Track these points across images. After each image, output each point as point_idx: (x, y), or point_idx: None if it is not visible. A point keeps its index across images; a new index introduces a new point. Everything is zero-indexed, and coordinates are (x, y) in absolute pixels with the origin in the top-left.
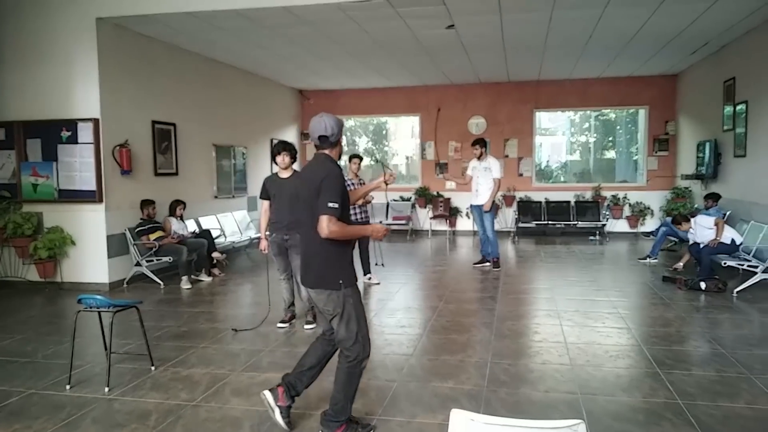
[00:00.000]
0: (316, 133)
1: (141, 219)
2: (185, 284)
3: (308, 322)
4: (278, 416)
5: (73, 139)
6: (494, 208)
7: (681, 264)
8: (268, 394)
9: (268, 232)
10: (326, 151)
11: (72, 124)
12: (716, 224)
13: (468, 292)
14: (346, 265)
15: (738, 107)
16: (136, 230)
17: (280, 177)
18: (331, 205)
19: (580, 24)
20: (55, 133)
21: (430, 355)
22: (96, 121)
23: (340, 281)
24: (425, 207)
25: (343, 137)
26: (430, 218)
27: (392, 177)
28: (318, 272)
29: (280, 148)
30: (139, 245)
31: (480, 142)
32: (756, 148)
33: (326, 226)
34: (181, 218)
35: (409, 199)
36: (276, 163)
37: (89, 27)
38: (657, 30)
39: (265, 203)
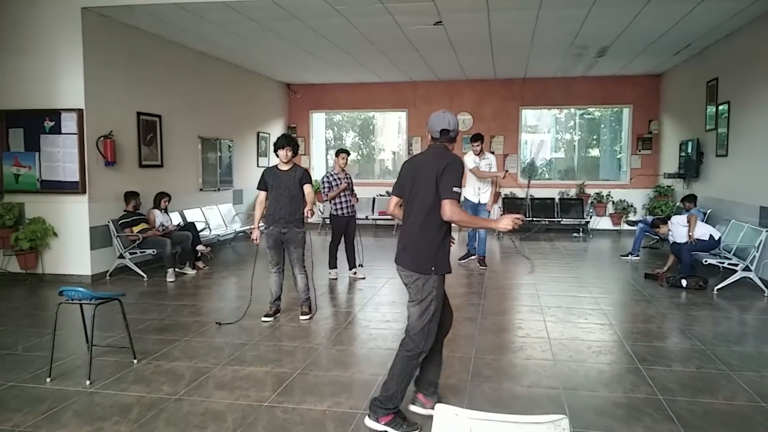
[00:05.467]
0: (439, 127)
1: (125, 211)
2: (170, 277)
3: (303, 313)
4: None
5: (57, 130)
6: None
7: (665, 268)
8: (416, 408)
9: (262, 224)
10: (448, 144)
11: (55, 114)
12: (689, 221)
13: (453, 287)
14: (441, 254)
15: (720, 107)
16: (120, 222)
17: (280, 169)
18: (455, 189)
19: (566, 23)
20: (38, 123)
21: None
22: (80, 112)
23: (432, 267)
24: None
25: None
26: None
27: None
28: (414, 255)
29: (284, 142)
30: (122, 237)
31: (480, 137)
32: (737, 148)
33: (449, 209)
34: (166, 211)
35: None
36: (278, 156)
37: (74, 16)
38: (641, 30)
39: (262, 194)
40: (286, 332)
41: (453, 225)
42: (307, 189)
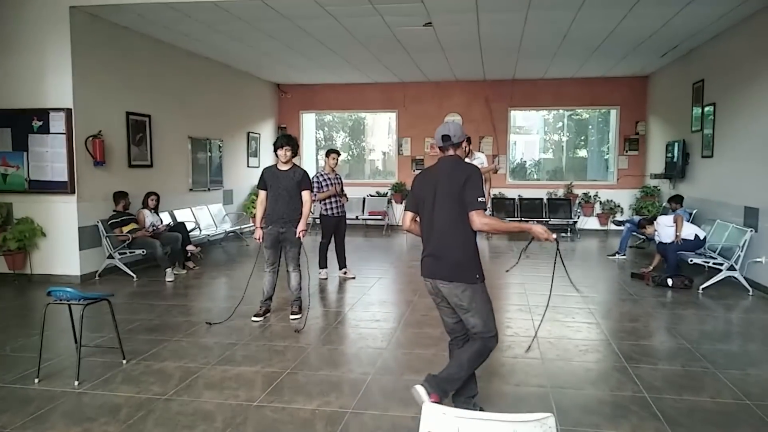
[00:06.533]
0: (440, 134)
1: (114, 211)
2: (169, 277)
3: (293, 313)
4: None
5: (45, 129)
6: None
7: (651, 267)
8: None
9: (263, 224)
10: (453, 152)
11: (44, 114)
12: (675, 221)
13: None
14: (479, 260)
15: (706, 109)
16: (109, 222)
17: (279, 169)
18: (480, 200)
19: (554, 25)
20: (26, 123)
21: (403, 349)
22: (68, 111)
23: (477, 276)
24: (401, 202)
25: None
26: None
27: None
28: (456, 265)
29: (283, 141)
30: (111, 237)
31: (467, 139)
32: (722, 148)
33: (479, 220)
34: (155, 210)
35: (385, 195)
36: (277, 156)
37: (62, 15)
38: (629, 32)
39: (262, 193)
40: (276, 332)
41: None
42: (305, 196)
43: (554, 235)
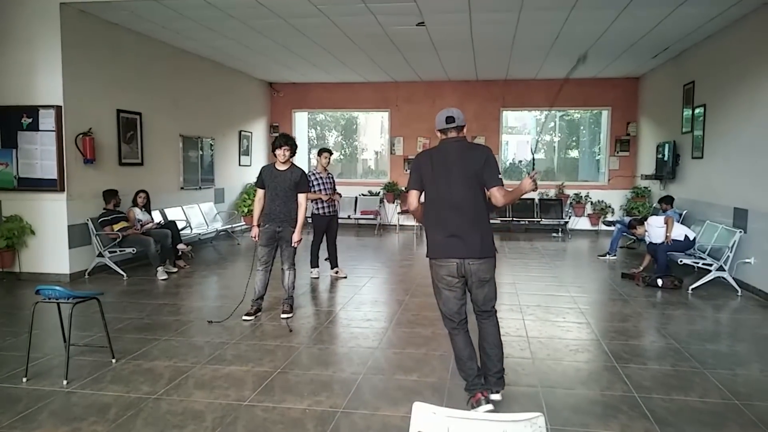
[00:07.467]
0: (444, 115)
1: (104, 209)
2: (161, 275)
3: (285, 312)
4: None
5: (34, 126)
6: None
7: (641, 268)
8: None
9: (260, 222)
10: (456, 134)
11: (33, 111)
12: (666, 222)
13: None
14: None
15: (696, 110)
16: (99, 220)
17: (277, 168)
18: (500, 177)
19: (547, 25)
20: (16, 120)
21: (395, 348)
22: (58, 109)
23: (496, 249)
24: (393, 202)
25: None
26: (398, 213)
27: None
28: (485, 242)
29: (282, 141)
30: (101, 236)
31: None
32: (712, 150)
33: (500, 196)
34: (145, 208)
35: (377, 194)
36: (275, 155)
37: (53, 12)
38: (621, 33)
39: (260, 192)
40: (267, 331)
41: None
42: (301, 198)
43: (534, 172)
